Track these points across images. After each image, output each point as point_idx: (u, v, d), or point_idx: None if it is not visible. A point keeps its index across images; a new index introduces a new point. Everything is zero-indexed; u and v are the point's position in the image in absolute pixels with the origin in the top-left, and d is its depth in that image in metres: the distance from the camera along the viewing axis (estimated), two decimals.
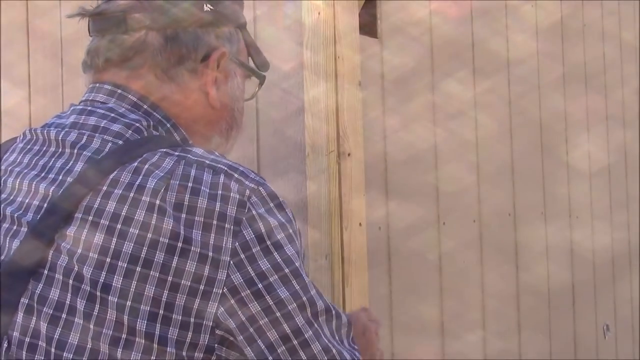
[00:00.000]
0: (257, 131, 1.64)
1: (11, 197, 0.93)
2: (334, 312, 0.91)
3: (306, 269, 1.50)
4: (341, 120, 1.51)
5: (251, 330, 0.84)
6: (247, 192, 0.87)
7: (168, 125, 0.98)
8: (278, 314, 0.85)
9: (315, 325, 0.87)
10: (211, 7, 1.00)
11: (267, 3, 1.63)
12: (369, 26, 1.68)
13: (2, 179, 0.96)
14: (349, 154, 1.52)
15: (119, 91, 0.98)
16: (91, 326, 0.83)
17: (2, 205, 0.92)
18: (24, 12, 2.07)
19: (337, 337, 0.90)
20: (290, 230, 0.90)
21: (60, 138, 0.94)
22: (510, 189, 2.14)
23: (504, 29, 2.15)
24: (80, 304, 0.83)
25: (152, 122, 0.96)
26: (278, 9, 1.61)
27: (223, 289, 0.84)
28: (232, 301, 0.84)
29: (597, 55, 2.64)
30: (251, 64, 1.10)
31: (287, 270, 0.87)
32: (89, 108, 0.97)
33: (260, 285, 0.85)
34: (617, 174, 2.72)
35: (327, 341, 0.88)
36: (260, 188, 0.89)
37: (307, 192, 1.53)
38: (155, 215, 0.84)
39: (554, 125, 2.37)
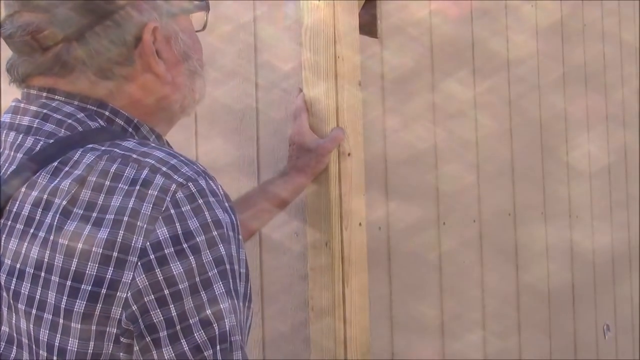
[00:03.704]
0: (257, 131, 1.64)
1: None
2: (232, 339, 0.80)
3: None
4: (341, 120, 1.51)
5: (147, 340, 0.76)
6: (174, 187, 0.79)
7: (117, 119, 0.90)
8: (178, 327, 0.76)
9: (211, 349, 0.77)
10: None
11: (267, 3, 1.63)
12: (369, 26, 1.68)
13: None
14: (349, 154, 1.52)
15: (46, 94, 0.90)
16: (14, 334, 0.81)
17: None
18: None
19: None
20: (216, 233, 0.79)
21: (2, 138, 0.89)
22: (510, 189, 2.14)
23: (504, 29, 2.15)
24: (3, 312, 0.82)
25: (90, 114, 0.88)
26: (278, 9, 1.61)
27: (127, 292, 0.76)
28: (134, 307, 0.76)
29: (597, 55, 2.64)
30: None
31: (198, 279, 0.77)
32: (22, 106, 0.90)
33: (166, 292, 0.76)
34: (617, 174, 2.72)
35: None
36: (190, 183, 0.80)
37: (307, 191, 1.53)
38: (58, 217, 0.79)
39: (554, 125, 2.37)
